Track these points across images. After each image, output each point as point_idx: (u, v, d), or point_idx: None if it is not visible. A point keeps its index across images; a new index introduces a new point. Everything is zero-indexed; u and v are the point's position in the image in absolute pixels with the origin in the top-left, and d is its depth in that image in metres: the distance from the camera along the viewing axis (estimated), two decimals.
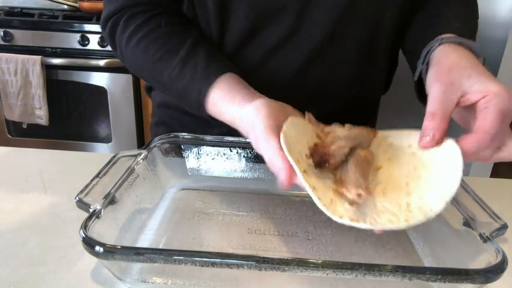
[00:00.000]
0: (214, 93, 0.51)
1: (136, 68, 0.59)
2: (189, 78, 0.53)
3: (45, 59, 1.68)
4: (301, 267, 0.34)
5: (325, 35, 0.57)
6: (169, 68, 0.54)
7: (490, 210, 0.43)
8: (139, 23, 0.56)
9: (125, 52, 0.58)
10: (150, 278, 0.39)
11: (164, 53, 0.55)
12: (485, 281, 0.34)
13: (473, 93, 0.43)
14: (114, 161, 0.49)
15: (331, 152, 0.42)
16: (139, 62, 0.57)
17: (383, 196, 0.40)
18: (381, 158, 0.46)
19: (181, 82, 0.54)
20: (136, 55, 0.57)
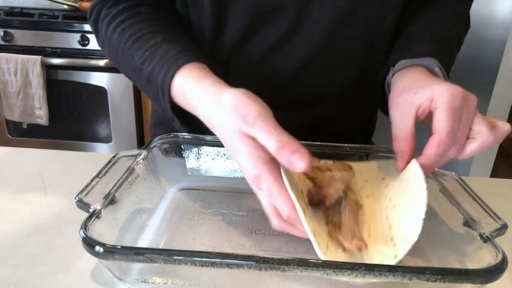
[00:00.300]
0: (182, 75, 0.48)
1: (112, 53, 0.58)
2: (158, 60, 0.51)
3: (45, 59, 1.68)
4: (301, 267, 0.34)
5: (324, 35, 0.57)
6: (142, 50, 0.53)
7: (490, 210, 0.43)
8: (120, 9, 0.57)
9: (105, 37, 0.58)
10: (150, 278, 0.39)
11: (140, 36, 0.54)
12: (485, 281, 0.34)
13: (424, 103, 0.45)
14: (114, 161, 0.49)
15: (329, 194, 0.43)
16: (115, 45, 0.56)
17: (369, 237, 0.42)
18: (360, 196, 0.48)
19: (149, 65, 0.51)
20: (113, 38, 0.56)
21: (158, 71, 0.50)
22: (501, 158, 1.89)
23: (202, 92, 0.46)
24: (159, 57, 0.51)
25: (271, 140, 0.39)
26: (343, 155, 0.57)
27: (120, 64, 0.58)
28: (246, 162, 0.40)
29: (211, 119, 0.45)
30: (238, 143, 0.41)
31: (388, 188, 0.46)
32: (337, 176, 0.45)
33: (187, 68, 0.49)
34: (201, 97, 0.46)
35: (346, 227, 0.41)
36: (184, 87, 0.48)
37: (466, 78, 1.74)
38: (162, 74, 0.49)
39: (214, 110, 0.44)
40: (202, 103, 0.46)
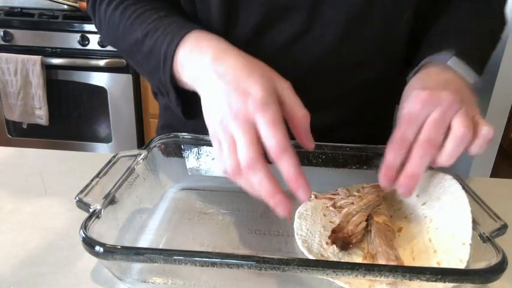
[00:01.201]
0: (185, 43, 0.48)
1: (110, 32, 0.57)
2: (162, 31, 0.50)
3: (45, 59, 1.68)
4: (301, 267, 0.34)
5: (338, 34, 0.56)
6: (145, 23, 0.52)
7: (490, 210, 0.43)
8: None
9: (104, 17, 0.57)
10: (150, 278, 0.39)
11: (143, 11, 0.53)
12: (485, 281, 0.34)
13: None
14: (114, 161, 0.49)
15: (350, 232, 0.43)
16: (116, 22, 0.55)
17: (414, 262, 0.41)
18: (398, 218, 0.47)
19: (153, 36, 0.51)
20: (115, 15, 0.55)
21: (162, 40, 0.49)
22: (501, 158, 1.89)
23: (202, 61, 0.45)
24: (162, 28, 0.50)
25: (272, 140, 0.38)
26: (343, 156, 0.57)
27: (120, 40, 0.57)
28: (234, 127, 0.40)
29: (208, 94, 0.44)
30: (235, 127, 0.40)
31: (425, 207, 0.45)
32: (353, 209, 0.45)
33: (191, 35, 0.48)
34: (200, 67, 0.45)
35: (380, 255, 0.41)
36: (186, 55, 0.47)
37: None
38: (166, 43, 0.49)
39: (212, 85, 0.43)
40: (202, 77, 0.45)
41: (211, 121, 0.42)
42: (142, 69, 0.56)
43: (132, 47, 0.54)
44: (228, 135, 0.40)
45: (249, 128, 0.39)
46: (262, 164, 0.39)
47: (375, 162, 0.57)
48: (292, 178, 0.39)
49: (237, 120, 0.40)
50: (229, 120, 0.40)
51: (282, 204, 0.39)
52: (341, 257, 0.43)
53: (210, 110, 0.43)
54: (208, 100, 0.43)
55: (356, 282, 0.38)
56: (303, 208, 0.51)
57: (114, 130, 1.84)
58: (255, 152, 0.39)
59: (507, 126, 1.80)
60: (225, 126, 0.40)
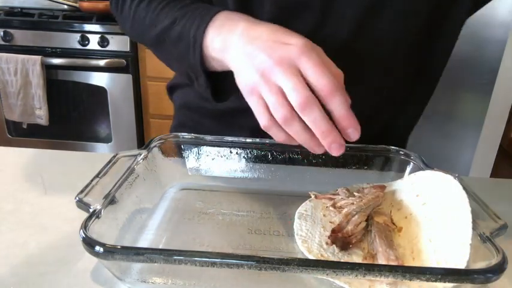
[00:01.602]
0: (214, 23, 0.49)
1: (136, 25, 0.59)
2: (189, 16, 0.51)
3: (45, 59, 1.68)
4: (301, 267, 0.34)
5: (352, 30, 0.55)
6: (172, 12, 0.53)
7: (490, 210, 0.43)
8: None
9: (128, 12, 0.59)
10: (150, 278, 0.39)
11: (168, 2, 0.55)
12: (485, 281, 0.34)
13: None
14: (114, 161, 0.49)
15: (350, 232, 0.43)
16: (142, 15, 0.57)
17: (414, 262, 0.41)
18: (398, 217, 0.47)
19: (180, 22, 0.52)
20: (140, 8, 0.57)
21: (191, 24, 0.50)
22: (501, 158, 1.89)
23: (235, 35, 0.46)
24: (190, 13, 0.51)
25: (323, 79, 0.39)
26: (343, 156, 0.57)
27: (146, 32, 0.58)
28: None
29: (241, 56, 0.44)
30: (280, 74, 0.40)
31: (426, 207, 0.45)
32: (353, 209, 0.45)
33: (220, 15, 0.49)
34: (233, 41, 0.45)
35: (380, 255, 0.41)
36: (216, 30, 0.48)
37: (466, 78, 1.74)
38: (195, 25, 0.50)
39: (247, 47, 0.43)
40: (235, 45, 0.45)
41: (248, 77, 0.42)
42: (171, 56, 0.57)
43: (159, 36, 0.55)
44: (272, 85, 0.40)
45: (296, 72, 0.40)
46: (316, 102, 0.39)
47: (375, 162, 0.57)
48: (344, 117, 0.40)
49: (282, 67, 0.40)
50: (272, 69, 0.40)
51: (337, 142, 0.40)
52: (341, 257, 0.43)
53: (246, 68, 0.43)
54: (243, 60, 0.43)
55: (356, 282, 0.38)
56: (302, 208, 0.51)
57: (114, 130, 1.84)
58: (308, 91, 0.39)
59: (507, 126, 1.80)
60: (268, 77, 0.40)
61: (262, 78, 0.41)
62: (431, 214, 0.44)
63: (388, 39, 0.57)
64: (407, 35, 0.58)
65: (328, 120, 0.39)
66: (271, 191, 0.57)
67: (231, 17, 0.49)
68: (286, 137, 0.42)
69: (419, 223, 0.44)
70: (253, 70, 0.42)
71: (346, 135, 0.40)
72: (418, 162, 0.55)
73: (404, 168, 0.56)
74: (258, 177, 0.58)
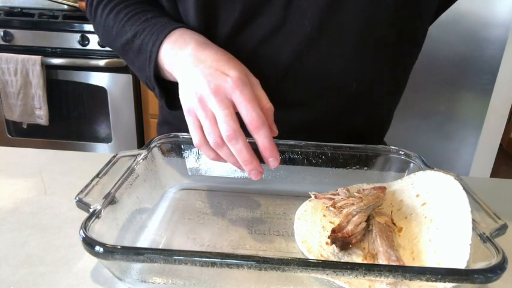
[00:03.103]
0: (169, 40, 0.53)
1: (106, 34, 0.63)
2: (148, 31, 0.56)
3: (45, 59, 1.68)
4: (301, 267, 0.34)
5: (315, 25, 0.56)
6: (135, 25, 0.58)
7: (490, 210, 0.43)
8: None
9: (100, 20, 0.63)
10: (150, 278, 0.39)
11: (133, 14, 0.59)
12: (485, 281, 0.34)
13: None
14: (114, 161, 0.49)
15: (350, 232, 0.43)
16: (111, 25, 0.61)
17: (414, 262, 0.41)
18: (398, 218, 0.47)
19: (141, 36, 0.56)
20: (109, 19, 0.61)
21: (148, 39, 0.55)
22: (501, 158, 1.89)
23: (184, 53, 0.51)
24: (149, 28, 0.56)
25: (251, 115, 0.45)
26: (343, 156, 0.57)
27: (114, 41, 0.62)
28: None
29: (186, 74, 0.49)
30: (215, 102, 0.45)
31: (426, 207, 0.45)
32: (353, 210, 0.45)
33: (175, 31, 0.54)
34: (182, 58, 0.50)
35: (381, 255, 0.41)
36: (169, 46, 0.53)
37: (466, 78, 1.74)
38: (152, 41, 0.54)
39: (192, 67, 0.48)
40: (183, 63, 0.50)
41: (189, 96, 0.47)
42: (133, 66, 0.61)
43: (124, 47, 0.60)
44: (207, 111, 0.46)
45: (229, 104, 0.45)
46: (242, 135, 0.45)
47: (375, 162, 0.57)
48: (267, 148, 0.45)
49: (217, 96, 0.45)
50: (209, 96, 0.45)
51: (256, 169, 0.46)
52: (341, 257, 0.43)
53: (188, 88, 0.48)
54: (187, 80, 0.48)
55: (356, 282, 0.38)
56: (302, 208, 0.51)
57: (114, 130, 1.84)
58: (236, 124, 0.44)
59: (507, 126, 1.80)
60: (204, 103, 0.46)
61: (199, 102, 0.46)
62: (432, 214, 0.44)
63: (353, 32, 0.58)
64: (373, 27, 0.58)
65: (250, 151, 0.45)
66: (271, 191, 0.57)
67: (184, 35, 0.53)
68: (215, 156, 0.48)
69: (420, 223, 0.44)
70: (193, 93, 0.47)
71: (267, 163, 0.46)
72: (418, 162, 0.55)
73: (405, 168, 0.56)
74: None
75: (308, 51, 0.58)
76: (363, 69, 0.61)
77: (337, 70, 0.60)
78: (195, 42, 0.51)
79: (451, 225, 0.41)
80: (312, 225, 0.47)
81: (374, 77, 0.63)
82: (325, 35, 0.57)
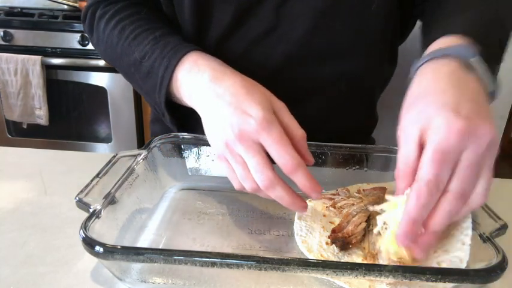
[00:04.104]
0: (182, 66, 0.50)
1: (109, 51, 0.59)
2: (158, 53, 0.52)
3: (45, 59, 1.68)
4: (301, 267, 0.34)
5: (307, 29, 0.56)
6: (142, 45, 0.54)
7: (490, 210, 0.43)
8: (119, 7, 0.58)
9: (102, 35, 0.59)
10: (150, 278, 0.39)
11: (140, 32, 0.55)
12: (485, 281, 0.34)
13: (423, 131, 0.36)
14: (114, 161, 0.49)
15: (350, 232, 0.43)
16: (114, 42, 0.57)
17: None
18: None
19: (150, 58, 0.53)
20: (113, 36, 0.57)
21: (159, 63, 0.51)
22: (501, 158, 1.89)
23: (201, 85, 0.47)
24: (159, 51, 0.52)
25: (284, 158, 0.41)
26: (343, 156, 0.57)
27: (118, 60, 0.58)
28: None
29: (208, 115, 0.46)
30: (242, 149, 0.42)
31: None
32: (355, 210, 0.45)
33: (188, 56, 0.50)
34: (199, 91, 0.47)
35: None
36: (184, 75, 0.49)
37: None
38: (163, 66, 0.51)
39: (212, 105, 0.45)
40: (201, 97, 0.47)
41: (216, 142, 0.44)
42: (140, 89, 0.58)
43: (130, 67, 0.56)
44: (236, 157, 0.42)
45: (257, 149, 0.41)
46: (278, 181, 0.41)
47: (375, 162, 0.57)
48: (307, 186, 0.42)
49: (243, 142, 0.41)
50: (234, 143, 0.42)
51: (300, 207, 0.43)
52: (341, 257, 0.43)
53: (213, 131, 0.45)
54: (210, 121, 0.45)
55: (356, 282, 0.38)
56: None
57: (114, 130, 1.83)
58: (270, 171, 0.41)
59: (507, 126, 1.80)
60: (231, 148, 0.42)
61: (227, 148, 0.43)
62: None
63: (344, 36, 0.58)
64: (364, 31, 0.59)
65: (290, 194, 0.42)
66: None
67: (198, 62, 0.49)
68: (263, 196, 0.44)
69: None
70: (218, 138, 0.43)
71: (309, 196, 0.43)
72: None
73: None
74: None
75: (299, 54, 0.58)
76: (353, 71, 0.62)
77: (327, 72, 0.61)
78: (210, 71, 0.47)
79: (450, 226, 0.41)
80: (312, 225, 0.47)
81: (364, 78, 0.64)
82: (316, 39, 0.58)
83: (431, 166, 0.34)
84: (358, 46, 0.60)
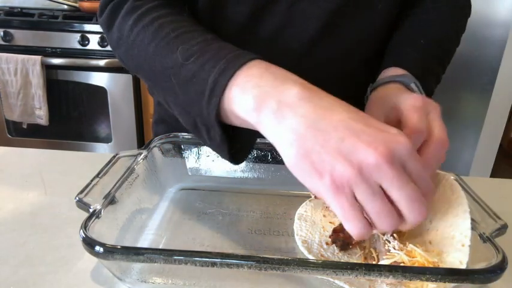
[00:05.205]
0: (249, 70, 0.39)
1: (138, 52, 0.48)
2: (211, 55, 0.41)
3: (45, 59, 1.68)
4: (301, 267, 0.34)
5: (318, 29, 0.57)
6: (188, 44, 0.44)
7: (490, 210, 0.43)
8: (156, 4, 0.49)
9: (127, 35, 0.49)
10: (150, 278, 0.39)
11: (185, 31, 0.45)
12: (485, 281, 0.34)
13: (389, 113, 0.45)
14: (114, 161, 0.49)
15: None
16: (146, 41, 0.47)
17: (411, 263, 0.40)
18: None
19: (198, 60, 0.42)
20: (146, 34, 0.47)
21: (212, 66, 0.40)
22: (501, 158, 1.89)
23: (287, 95, 0.36)
24: (212, 52, 0.42)
25: (403, 192, 0.33)
26: None
27: (149, 61, 0.47)
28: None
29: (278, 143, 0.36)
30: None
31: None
32: None
33: (254, 63, 0.39)
34: (282, 102, 0.36)
35: (383, 255, 0.41)
36: (252, 84, 0.38)
37: (466, 78, 1.74)
38: (219, 69, 0.40)
39: (276, 131, 0.35)
40: (288, 112, 0.35)
41: (334, 171, 0.33)
42: (175, 97, 0.46)
43: (166, 70, 0.45)
44: (374, 187, 0.33)
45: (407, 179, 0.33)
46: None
47: None
48: None
49: (393, 165, 0.32)
50: (379, 166, 0.32)
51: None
52: (341, 257, 0.43)
53: (327, 160, 0.33)
54: (312, 143, 0.34)
55: (356, 282, 0.38)
56: (302, 209, 0.51)
57: (114, 130, 1.84)
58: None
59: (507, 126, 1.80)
60: (368, 175, 0.32)
61: (360, 174, 0.32)
62: (431, 215, 0.44)
63: (352, 37, 0.60)
64: (369, 31, 0.61)
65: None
66: (271, 191, 0.57)
67: (272, 69, 0.39)
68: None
69: (419, 225, 0.44)
70: (343, 162, 0.32)
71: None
72: None
73: None
74: (258, 177, 0.58)
75: (308, 53, 0.59)
76: (357, 70, 0.63)
77: (334, 71, 0.62)
78: (299, 88, 0.37)
79: (450, 227, 0.40)
80: (312, 225, 0.47)
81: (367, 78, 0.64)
82: (326, 39, 0.58)
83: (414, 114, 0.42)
84: (362, 46, 0.62)
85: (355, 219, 0.33)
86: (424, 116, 0.42)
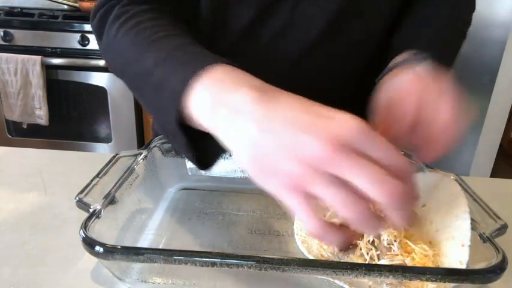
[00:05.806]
0: (210, 75, 0.37)
1: (119, 59, 0.48)
2: (176, 61, 0.41)
3: (45, 59, 1.68)
4: (301, 267, 0.34)
5: (321, 30, 0.57)
6: (160, 51, 0.43)
7: (490, 210, 0.43)
8: (140, 10, 0.49)
9: (113, 42, 0.48)
10: (150, 278, 0.39)
11: (161, 37, 0.44)
12: (485, 281, 0.34)
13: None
14: (114, 161, 0.49)
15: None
16: (126, 47, 0.46)
17: (413, 263, 0.40)
18: None
19: (163, 67, 0.41)
20: (126, 39, 0.46)
21: (175, 74, 0.40)
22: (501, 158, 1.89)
23: (242, 97, 0.34)
24: (181, 59, 0.41)
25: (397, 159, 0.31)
26: None
27: (126, 67, 0.47)
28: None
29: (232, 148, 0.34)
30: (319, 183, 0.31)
31: (426, 210, 0.45)
32: None
33: (217, 67, 0.38)
34: (235, 116, 0.34)
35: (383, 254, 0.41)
36: (210, 88, 0.36)
37: (466, 78, 1.74)
38: (181, 74, 0.39)
39: (229, 137, 0.35)
40: (217, 121, 0.35)
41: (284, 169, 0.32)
42: (148, 107, 0.46)
43: (138, 77, 0.44)
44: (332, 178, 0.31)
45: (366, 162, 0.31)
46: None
47: None
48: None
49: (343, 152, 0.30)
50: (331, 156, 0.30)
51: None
52: (341, 257, 0.43)
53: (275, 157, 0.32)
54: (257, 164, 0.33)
55: (356, 282, 0.38)
56: None
57: (114, 130, 1.84)
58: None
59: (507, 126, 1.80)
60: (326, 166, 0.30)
61: (309, 170, 0.30)
62: (431, 216, 0.44)
63: (354, 38, 0.60)
64: (374, 35, 0.61)
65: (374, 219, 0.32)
66: None
67: (232, 71, 0.37)
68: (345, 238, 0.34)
69: (419, 225, 0.44)
70: (292, 160, 0.31)
71: None
72: (418, 162, 0.55)
73: None
74: None
75: (309, 54, 0.59)
76: (359, 71, 0.63)
77: (337, 72, 0.62)
78: (254, 91, 0.34)
79: (450, 227, 0.41)
80: None
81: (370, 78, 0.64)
82: (327, 40, 0.58)
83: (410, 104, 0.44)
84: (363, 46, 0.62)
85: (313, 218, 0.32)
86: (415, 98, 0.43)
